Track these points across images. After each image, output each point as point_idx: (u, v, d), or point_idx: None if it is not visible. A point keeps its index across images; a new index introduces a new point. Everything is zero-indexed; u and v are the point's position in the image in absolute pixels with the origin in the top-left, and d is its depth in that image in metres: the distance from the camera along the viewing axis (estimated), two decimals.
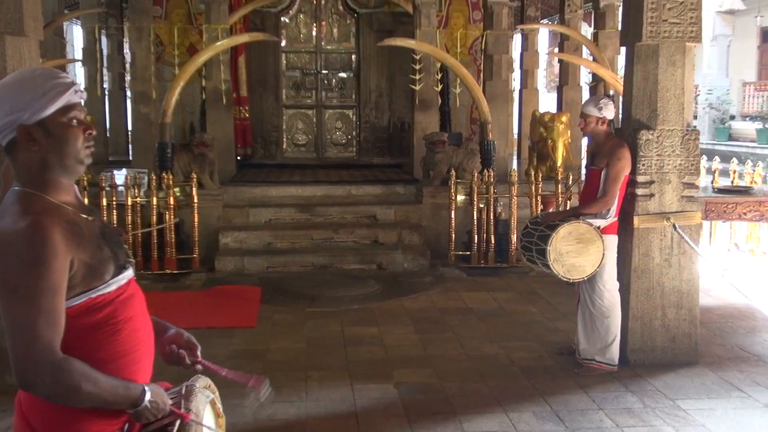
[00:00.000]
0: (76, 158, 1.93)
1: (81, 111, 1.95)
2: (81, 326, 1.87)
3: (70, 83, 1.92)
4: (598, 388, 4.90)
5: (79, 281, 1.85)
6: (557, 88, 13.55)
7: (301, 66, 12.83)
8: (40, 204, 1.86)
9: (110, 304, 1.92)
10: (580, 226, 5.07)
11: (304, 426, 4.35)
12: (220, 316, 6.55)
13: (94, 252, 1.89)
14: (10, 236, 1.78)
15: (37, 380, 1.78)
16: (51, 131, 1.88)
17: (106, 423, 1.93)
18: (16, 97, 1.87)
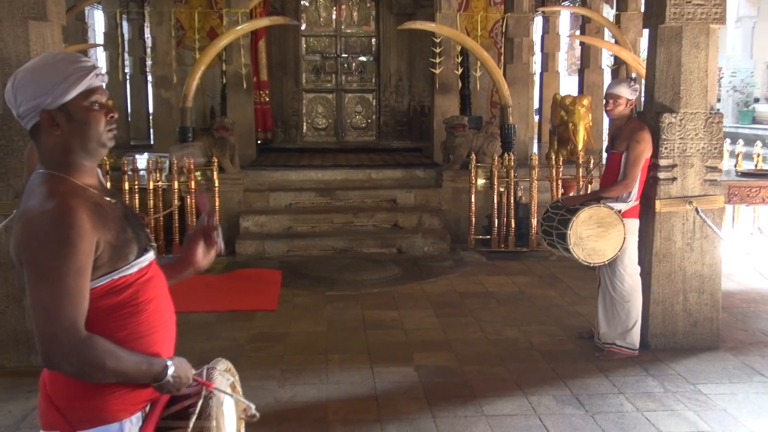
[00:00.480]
0: (98, 141, 1.94)
1: (103, 94, 1.96)
2: (103, 307, 1.90)
3: (92, 67, 1.93)
4: (618, 372, 4.89)
5: (105, 262, 1.88)
6: (578, 71, 13.44)
7: (321, 50, 12.82)
8: (66, 186, 1.88)
9: (132, 286, 1.94)
10: (600, 209, 5.05)
11: (325, 408, 4.38)
12: (242, 299, 6.60)
13: (119, 233, 1.91)
14: (38, 217, 1.80)
15: (61, 359, 1.80)
16: (73, 115, 1.90)
17: (128, 402, 1.96)
18: (39, 82, 1.89)
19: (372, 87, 12.93)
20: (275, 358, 5.21)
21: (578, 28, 14.86)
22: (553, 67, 14.95)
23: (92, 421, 1.91)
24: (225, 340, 5.56)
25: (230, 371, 2.28)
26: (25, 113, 1.91)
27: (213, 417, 2.04)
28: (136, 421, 1.98)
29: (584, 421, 4.17)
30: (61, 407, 1.92)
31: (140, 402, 1.99)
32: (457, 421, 4.17)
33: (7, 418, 4.24)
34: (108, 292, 1.90)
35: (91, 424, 1.91)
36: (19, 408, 4.36)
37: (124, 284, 1.93)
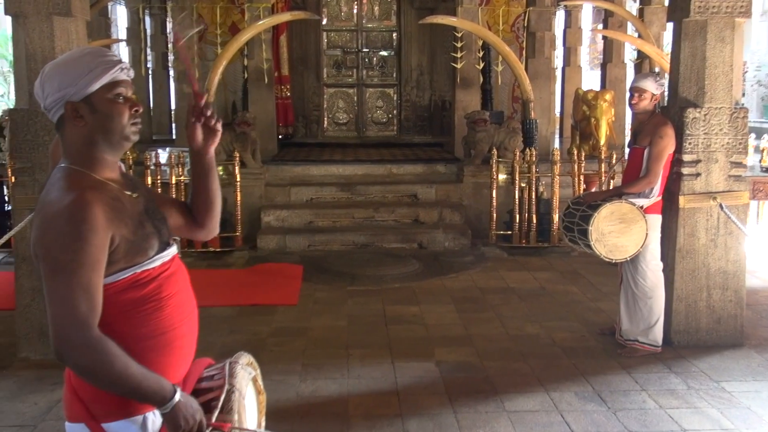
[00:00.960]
0: (121, 134, 1.96)
1: (128, 88, 1.98)
2: (125, 301, 1.91)
3: (117, 61, 1.96)
4: (640, 369, 4.86)
5: (121, 256, 1.89)
6: (601, 66, 13.35)
7: (342, 44, 12.81)
8: (84, 180, 1.90)
9: (154, 280, 1.96)
10: (622, 205, 5.02)
11: (346, 402, 4.39)
12: (263, 294, 6.63)
13: (136, 228, 1.92)
14: (53, 212, 1.83)
15: (70, 354, 1.81)
16: (96, 107, 1.93)
17: None
18: (65, 75, 1.92)
19: (393, 82, 12.91)
20: (296, 352, 5.23)
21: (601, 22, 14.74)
22: (575, 61, 14.84)
23: (116, 414, 1.93)
24: (246, 334, 5.58)
25: (252, 365, 2.29)
26: (51, 105, 1.94)
27: (235, 411, 2.05)
28: (159, 414, 1.99)
29: (606, 417, 4.15)
30: (85, 399, 1.94)
31: None
32: (478, 417, 4.16)
33: (33, 410, 4.29)
34: (131, 286, 1.92)
35: (115, 417, 1.92)
36: (45, 400, 4.42)
37: (146, 278, 1.94)
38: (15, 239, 5.11)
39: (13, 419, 4.18)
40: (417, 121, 12.88)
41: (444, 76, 12.39)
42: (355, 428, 4.05)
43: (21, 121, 4.94)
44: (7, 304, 5.70)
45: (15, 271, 5.10)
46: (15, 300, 5.10)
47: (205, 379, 2.13)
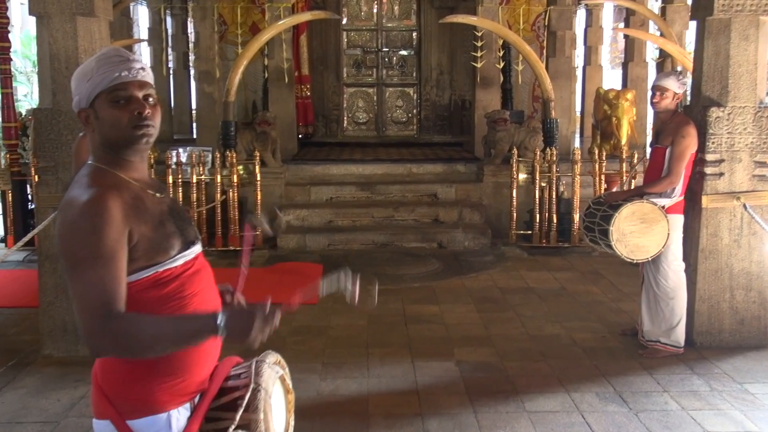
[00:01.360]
0: (121, 139, 1.94)
1: (134, 89, 1.94)
2: (149, 299, 1.92)
3: (120, 61, 1.93)
4: (662, 370, 4.83)
5: (142, 254, 1.90)
6: (622, 65, 13.26)
7: (362, 44, 12.82)
8: (106, 178, 1.92)
9: (177, 279, 1.97)
10: (644, 205, 4.98)
11: (366, 401, 4.40)
12: (283, 293, 6.62)
13: (157, 227, 1.93)
14: (73, 208, 1.85)
15: (103, 344, 1.82)
16: (98, 113, 1.94)
17: (176, 394, 1.99)
18: (75, 82, 1.97)
19: (413, 81, 12.90)
20: (317, 351, 5.24)
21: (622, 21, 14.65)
22: (596, 60, 14.75)
23: (141, 411, 1.94)
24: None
25: (280, 363, 2.29)
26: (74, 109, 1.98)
27: (261, 410, 2.05)
28: (184, 411, 2.01)
29: (628, 419, 4.13)
30: (111, 396, 1.96)
31: (189, 393, 2.02)
32: (498, 417, 4.15)
33: (56, 406, 4.33)
34: (153, 285, 1.93)
35: (140, 414, 1.94)
36: (68, 397, 4.46)
37: (169, 277, 1.95)
38: (38, 237, 5.16)
39: (36, 415, 4.22)
40: (437, 121, 12.86)
41: (464, 76, 12.37)
42: (375, 427, 4.05)
43: (45, 120, 4.99)
44: (31, 301, 5.76)
45: (38, 269, 5.15)
46: (38, 298, 5.15)
47: (232, 377, 2.14)
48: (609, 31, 19.58)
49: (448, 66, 12.73)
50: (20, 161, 8.59)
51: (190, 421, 2.01)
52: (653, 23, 12.13)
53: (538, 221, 8.27)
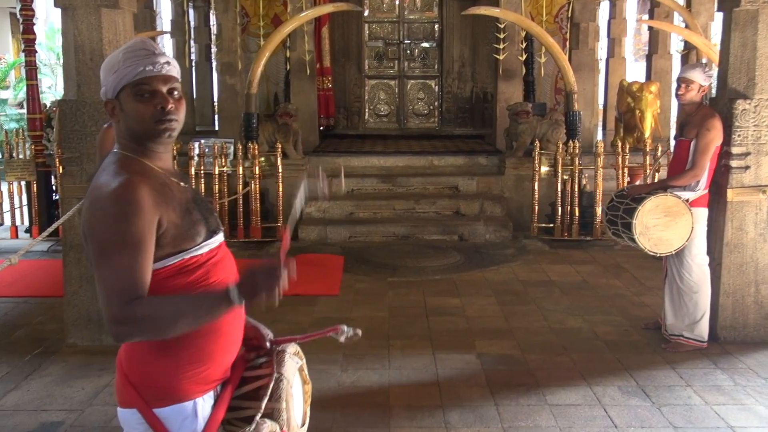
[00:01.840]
0: (144, 133, 1.96)
1: (159, 83, 1.95)
2: (174, 287, 1.94)
3: (146, 55, 1.94)
4: (686, 364, 4.79)
5: (169, 241, 1.91)
6: (646, 57, 13.14)
7: (384, 36, 12.80)
8: (134, 165, 1.94)
9: (202, 267, 1.98)
10: (667, 198, 4.94)
11: (387, 393, 4.41)
12: (304, 284, 6.63)
13: (183, 214, 1.95)
14: (101, 195, 1.86)
15: (126, 330, 1.84)
16: (123, 106, 1.96)
17: (201, 382, 2.00)
18: (102, 74, 1.99)
19: (434, 73, 12.86)
20: (338, 342, 5.21)
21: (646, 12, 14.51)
22: (620, 52, 14.61)
23: (166, 399, 1.96)
24: (288, 323, 5.62)
25: (299, 354, 2.31)
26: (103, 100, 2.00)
27: (283, 399, 2.07)
28: (208, 399, 2.02)
29: (650, 413, 4.10)
30: (136, 385, 1.98)
31: (212, 382, 2.03)
32: (520, 410, 4.15)
33: (81, 395, 4.38)
34: (178, 272, 1.94)
35: (165, 402, 1.96)
36: (92, 385, 4.51)
37: (194, 264, 1.96)
38: (63, 228, 5.21)
39: (61, 403, 4.27)
40: (458, 113, 12.82)
41: (486, 68, 12.31)
42: (396, 419, 4.06)
43: (69, 111, 5.03)
44: (56, 291, 5.83)
45: (63, 259, 5.20)
46: (63, 287, 5.20)
47: (254, 367, 2.15)
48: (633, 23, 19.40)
49: (470, 58, 12.67)
50: (45, 152, 8.67)
51: (214, 409, 2.03)
52: (678, 14, 11.99)
53: (559, 214, 8.24)
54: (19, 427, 3.98)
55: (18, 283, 6.68)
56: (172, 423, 1.96)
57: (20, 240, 8.40)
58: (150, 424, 1.95)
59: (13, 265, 3.84)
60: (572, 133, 8.71)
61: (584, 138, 9.47)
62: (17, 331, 5.54)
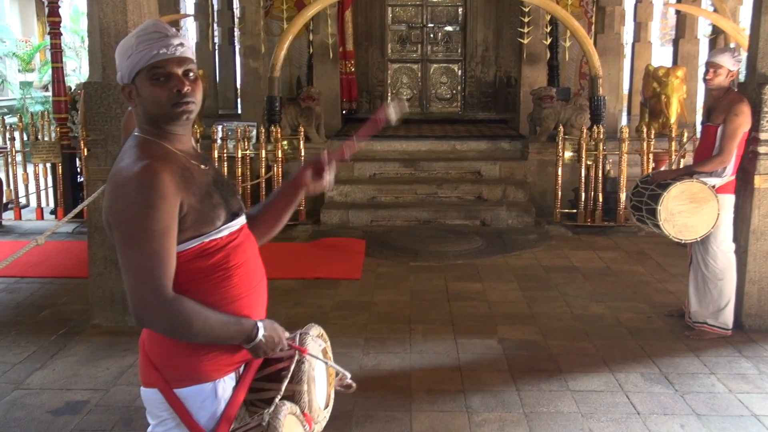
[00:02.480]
0: (161, 116, 1.94)
1: (174, 65, 1.93)
2: (194, 270, 1.94)
3: (159, 38, 1.92)
4: (709, 352, 4.76)
5: (190, 225, 1.91)
6: (673, 41, 12.96)
7: (407, 19, 12.74)
8: (154, 149, 1.93)
9: (222, 250, 1.98)
10: (693, 185, 4.88)
11: (409, 377, 4.41)
12: (326, 268, 6.68)
13: (203, 198, 1.94)
14: (125, 180, 1.86)
15: (151, 318, 1.86)
16: (139, 90, 1.95)
17: (222, 363, 2.01)
18: (117, 58, 1.98)
19: (458, 57, 12.79)
20: (359, 326, 5.26)
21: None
22: (646, 37, 14.40)
23: (188, 380, 1.97)
24: (310, 306, 5.65)
25: (322, 337, 2.31)
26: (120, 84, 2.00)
27: (305, 381, 2.08)
28: (229, 381, 2.03)
29: (673, 400, 4.08)
30: (158, 366, 1.99)
31: (234, 363, 2.04)
32: (541, 395, 4.14)
33: (106, 374, 4.43)
34: (199, 255, 1.94)
35: (187, 383, 1.97)
36: (116, 365, 4.56)
37: (214, 248, 1.96)
38: (88, 210, 5.25)
39: (87, 382, 4.33)
40: (481, 98, 12.75)
41: (510, 52, 12.22)
42: (417, 402, 4.07)
43: (94, 93, 5.06)
44: (80, 272, 5.89)
45: (88, 241, 5.24)
46: (88, 269, 5.25)
47: None
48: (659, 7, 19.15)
49: (494, 42, 12.58)
50: (70, 135, 8.74)
51: (235, 391, 2.04)
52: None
53: (583, 200, 8.18)
54: (46, 406, 4.03)
55: (43, 264, 6.75)
56: (192, 403, 1.97)
57: (45, 221, 8.49)
58: (171, 404, 1.97)
59: (40, 246, 3.88)
60: (596, 118, 8.64)
61: (609, 123, 9.38)
62: (43, 312, 5.61)
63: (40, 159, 8.57)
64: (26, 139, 8.85)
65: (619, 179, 8.08)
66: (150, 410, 2.03)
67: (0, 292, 6.05)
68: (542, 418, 3.89)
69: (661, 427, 3.78)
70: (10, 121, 9.95)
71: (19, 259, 3.74)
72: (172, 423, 1.99)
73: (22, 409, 4.00)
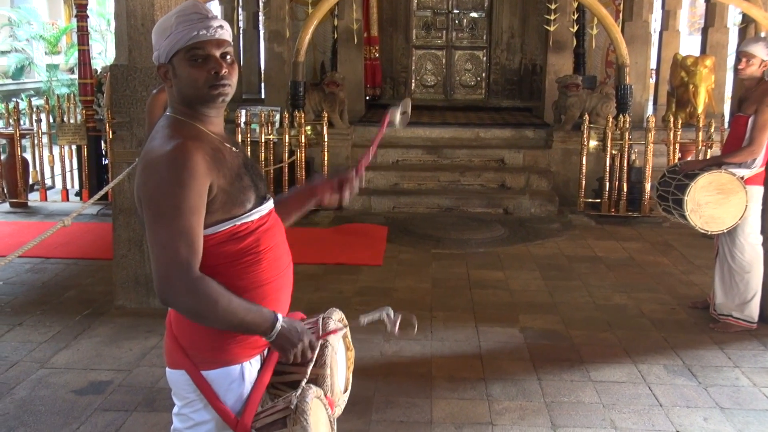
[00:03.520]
0: (197, 98, 1.94)
1: (212, 47, 1.93)
2: (225, 253, 1.94)
3: (199, 19, 1.92)
4: (734, 345, 4.71)
5: (219, 207, 1.91)
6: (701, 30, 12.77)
7: (432, 5, 12.65)
8: (187, 129, 1.93)
9: (253, 234, 1.98)
10: (721, 175, 4.82)
11: (430, 364, 4.41)
12: (348, 253, 6.69)
13: (234, 180, 1.94)
14: (156, 159, 1.86)
15: (175, 297, 1.85)
16: (176, 70, 1.94)
17: (248, 346, 2.01)
18: (155, 38, 1.98)
19: (483, 44, 12.70)
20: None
21: None
22: (674, 25, 14.21)
23: (215, 363, 1.98)
24: (332, 292, 5.66)
25: (343, 321, 2.31)
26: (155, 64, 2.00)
27: (328, 365, 2.09)
28: (255, 363, 2.04)
29: (696, 392, 4.04)
30: (185, 347, 1.99)
31: (260, 346, 2.05)
32: (563, 385, 4.12)
33: (129, 355, 4.47)
34: (230, 239, 1.94)
35: (214, 365, 1.98)
36: (139, 346, 4.59)
37: (245, 231, 1.96)
38: (113, 192, 5.28)
39: (110, 363, 4.37)
40: (506, 85, 12.66)
41: (535, 39, 12.12)
42: (438, 389, 4.06)
43: (121, 76, 5.08)
44: (104, 253, 5.94)
45: (113, 223, 5.28)
46: (112, 250, 5.29)
47: None
48: None
49: (520, 29, 12.48)
50: (95, 117, 8.79)
51: (260, 373, 2.05)
52: None
53: (607, 189, 8.11)
54: (70, 385, 4.08)
55: (68, 245, 6.81)
56: (219, 385, 1.98)
57: (71, 203, 8.56)
58: (198, 385, 1.97)
59: (66, 227, 3.90)
60: (623, 107, 8.55)
61: (635, 112, 9.28)
62: (68, 292, 5.67)
63: (65, 141, 8.63)
64: (52, 122, 8.92)
65: (644, 169, 8.00)
66: (176, 391, 2.04)
67: (26, 272, 6.12)
68: (563, 407, 3.87)
69: (684, 420, 3.75)
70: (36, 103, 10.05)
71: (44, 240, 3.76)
72: (199, 404, 2.00)
73: (47, 387, 4.05)
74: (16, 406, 3.83)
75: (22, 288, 5.74)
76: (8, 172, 8.58)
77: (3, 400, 3.89)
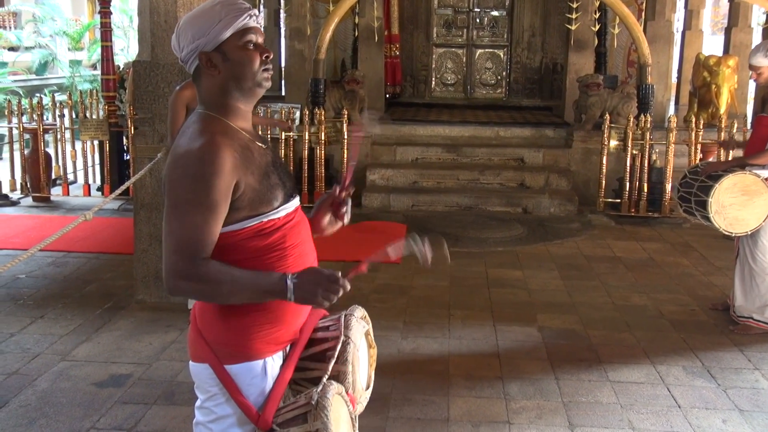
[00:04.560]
0: (253, 80, 1.98)
1: (258, 35, 1.99)
2: (252, 249, 1.96)
3: (246, 8, 1.97)
4: (754, 347, 4.67)
5: (246, 204, 1.92)
6: (725, 30, 12.67)
7: (453, 3, 12.62)
8: (217, 125, 1.95)
9: (280, 230, 2.00)
10: (746, 177, 4.79)
11: (447, 362, 4.42)
12: (367, 251, 6.67)
13: (262, 178, 1.95)
14: (184, 153, 1.89)
15: (175, 283, 1.87)
16: (228, 56, 1.96)
17: (272, 342, 2.03)
18: (197, 26, 1.97)
19: (503, 43, 12.65)
20: (398, 310, 5.28)
21: None
22: (697, 25, 14.10)
23: (238, 357, 1.99)
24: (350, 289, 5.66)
25: (365, 319, 2.33)
26: (186, 57, 1.99)
27: (350, 362, 2.10)
28: (277, 359, 2.06)
29: (716, 394, 4.02)
30: (209, 341, 2.01)
31: (282, 342, 2.06)
32: (580, 385, 4.11)
33: (148, 349, 4.51)
34: (256, 235, 1.96)
35: (237, 360, 1.99)
36: (159, 340, 4.63)
37: (272, 227, 1.98)
38: (134, 187, 5.33)
39: (130, 357, 4.41)
40: (526, 84, 12.61)
41: (557, 38, 12.07)
42: (455, 387, 4.07)
43: (143, 72, 5.12)
44: (125, 248, 6.00)
45: (134, 218, 5.33)
46: (133, 245, 5.34)
47: (321, 329, 2.18)
48: None
49: (541, 28, 12.43)
50: (117, 113, 8.87)
51: (283, 369, 2.06)
52: None
53: (627, 190, 8.07)
54: (90, 378, 4.12)
55: (90, 240, 6.88)
56: (242, 380, 1.99)
57: (92, 198, 8.64)
58: (221, 379, 1.99)
59: (88, 221, 3.94)
60: (644, 107, 8.49)
61: (656, 112, 9.23)
62: (89, 286, 5.72)
63: (88, 136, 8.72)
64: (75, 117, 9.00)
65: (665, 170, 7.95)
66: (199, 384, 2.06)
67: (48, 265, 6.18)
68: (581, 407, 3.87)
69: (703, 422, 3.73)
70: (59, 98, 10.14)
71: (66, 234, 3.81)
72: (221, 398, 2.02)
73: (68, 380, 4.09)
74: (37, 398, 3.88)
75: (44, 281, 5.81)
76: (31, 166, 8.67)
77: (25, 392, 3.94)
